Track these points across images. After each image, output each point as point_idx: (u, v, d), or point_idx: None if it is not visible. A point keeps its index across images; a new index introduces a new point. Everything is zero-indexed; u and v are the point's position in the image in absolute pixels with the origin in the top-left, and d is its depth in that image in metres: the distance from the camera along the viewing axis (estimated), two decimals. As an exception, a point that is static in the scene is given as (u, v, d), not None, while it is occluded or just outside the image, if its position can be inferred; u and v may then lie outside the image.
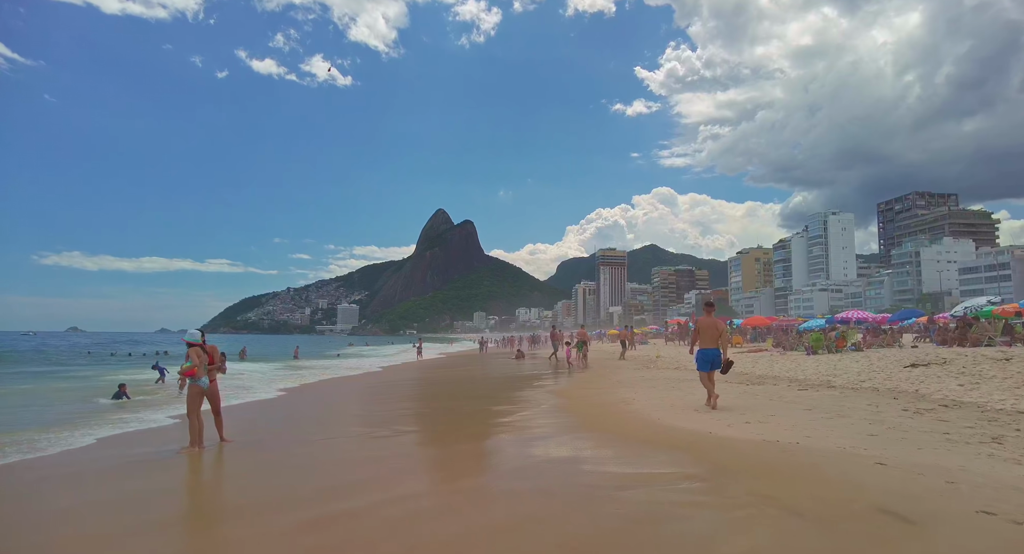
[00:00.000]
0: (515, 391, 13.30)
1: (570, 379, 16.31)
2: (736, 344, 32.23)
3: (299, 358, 38.31)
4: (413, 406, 11.49)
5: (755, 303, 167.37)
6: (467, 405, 10.92)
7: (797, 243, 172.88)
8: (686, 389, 11.18)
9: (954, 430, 5.84)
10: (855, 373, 12.64)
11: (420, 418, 9.89)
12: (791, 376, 13.27)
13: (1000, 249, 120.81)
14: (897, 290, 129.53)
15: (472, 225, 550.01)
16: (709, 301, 9.43)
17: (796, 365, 16.12)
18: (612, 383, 13.95)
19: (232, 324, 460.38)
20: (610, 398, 10.62)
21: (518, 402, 10.83)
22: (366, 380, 18.48)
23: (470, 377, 18.72)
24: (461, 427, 8.44)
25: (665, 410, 8.63)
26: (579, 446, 6.16)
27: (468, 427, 8.36)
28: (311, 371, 23.19)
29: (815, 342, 20.18)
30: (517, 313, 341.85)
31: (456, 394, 13.41)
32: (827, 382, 11.42)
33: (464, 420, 9.13)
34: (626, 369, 19.05)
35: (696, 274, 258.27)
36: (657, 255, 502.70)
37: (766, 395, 9.77)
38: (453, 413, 10.11)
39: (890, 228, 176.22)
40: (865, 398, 8.75)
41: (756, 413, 7.78)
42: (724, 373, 8.76)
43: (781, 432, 6.26)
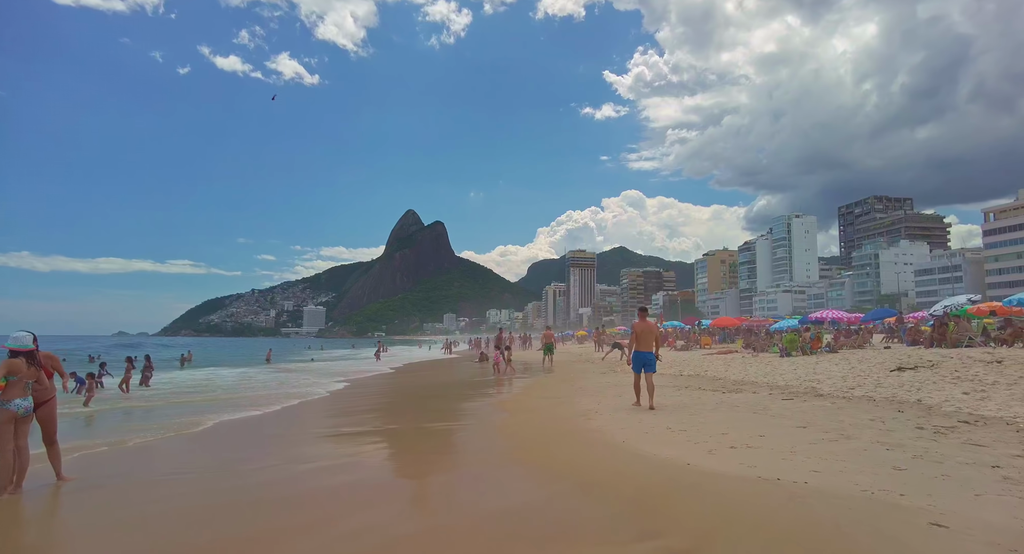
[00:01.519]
0: (461, 402, 11.68)
1: (528, 387, 14.78)
2: (705, 346, 31.32)
3: (271, 362, 36.13)
4: (333, 423, 9.77)
5: (721, 304, 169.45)
6: (395, 423, 9.24)
7: (761, 245, 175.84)
8: (659, 399, 9.75)
9: (1003, 461, 4.50)
10: (839, 378, 11.45)
11: (319, 442, 8.20)
12: (770, 382, 12.01)
13: (952, 251, 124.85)
14: (857, 291, 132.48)
15: (442, 226, 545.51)
16: (643, 307, 9.85)
17: (772, 368, 14.94)
18: (574, 390, 12.47)
19: (194, 327, 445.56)
20: (568, 410, 9.11)
21: (457, 418, 9.22)
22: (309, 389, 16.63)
23: (416, 386, 17.00)
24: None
25: (633, 427, 7.17)
26: (487, 495, 4.54)
27: (368, 458, 6.64)
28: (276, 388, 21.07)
29: (789, 343, 19.16)
30: (488, 315, 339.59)
31: (391, 409, 11.70)
32: (813, 389, 10.15)
33: (375, 448, 7.48)
34: (592, 373, 17.65)
35: (663, 276, 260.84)
36: (626, 257, 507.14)
37: (748, 406, 8.40)
38: (371, 437, 8.45)
39: (850, 231, 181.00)
40: (864, 411, 7.44)
41: (741, 431, 6.37)
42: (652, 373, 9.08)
43: (778, 462, 4.83)
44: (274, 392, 14.97)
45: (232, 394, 14.67)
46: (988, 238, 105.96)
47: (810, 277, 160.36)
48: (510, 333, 26.50)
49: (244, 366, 31.25)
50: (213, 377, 21.89)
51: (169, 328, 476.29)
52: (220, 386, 17.62)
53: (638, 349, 9.04)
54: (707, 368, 16.80)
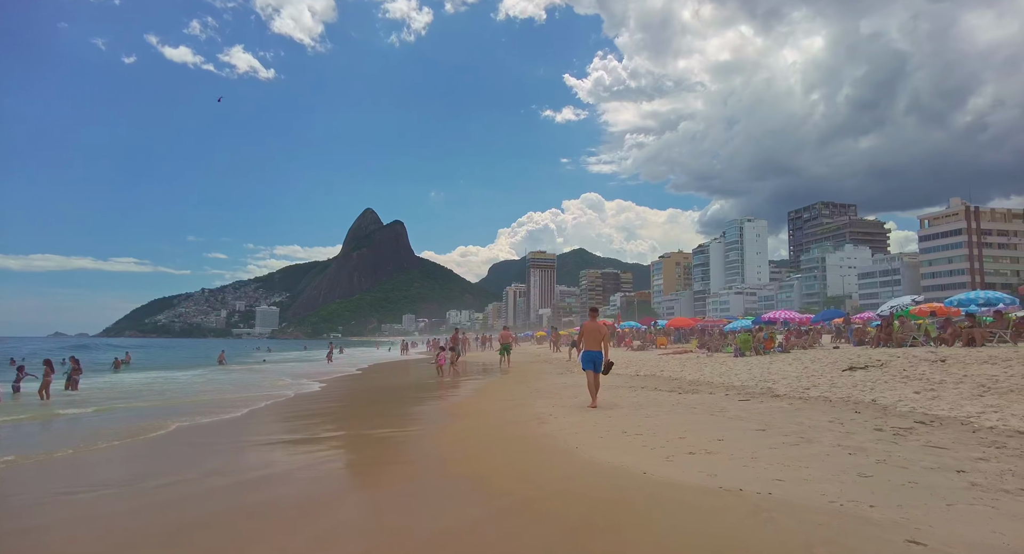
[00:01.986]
0: (410, 406, 11.11)
1: (482, 389, 14.30)
2: (661, 346, 31.56)
3: (224, 363, 34.48)
4: (271, 431, 9.04)
5: (675, 305, 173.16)
6: (335, 430, 8.61)
7: (715, 248, 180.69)
8: (615, 401, 9.44)
9: (967, 465, 4.29)
10: (794, 378, 11.43)
11: (248, 452, 7.51)
12: (726, 382, 11.91)
13: (892, 256, 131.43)
14: (805, 293, 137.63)
15: (402, 226, 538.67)
16: (594, 308, 9.99)
17: (727, 368, 14.94)
18: (530, 392, 12.07)
19: (140, 327, 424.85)
20: (521, 414, 8.67)
21: (402, 424, 8.65)
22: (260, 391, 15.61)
23: (366, 389, 16.27)
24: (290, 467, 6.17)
25: (588, 431, 6.78)
26: (419, 516, 4.04)
27: (294, 472, 6.03)
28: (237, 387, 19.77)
29: (743, 343, 19.33)
30: (448, 315, 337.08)
31: (333, 414, 11.01)
32: (769, 390, 10.05)
33: (305, 459, 6.86)
34: (548, 374, 17.32)
35: (621, 277, 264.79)
36: (585, 258, 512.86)
37: (705, 408, 8.16)
38: (306, 446, 7.80)
39: (799, 235, 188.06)
40: (822, 412, 7.29)
41: (699, 435, 6.07)
42: (605, 374, 9.20)
43: (739, 470, 4.51)
44: (218, 397, 13.97)
45: (171, 399, 13.59)
46: (923, 243, 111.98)
47: (761, 279, 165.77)
48: (463, 334, 25.95)
49: (193, 368, 29.59)
50: (154, 381, 20.45)
51: (112, 329, 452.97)
52: (161, 390, 16.34)
53: (587, 348, 9.15)
54: (663, 368, 16.71)
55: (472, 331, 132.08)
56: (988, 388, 8.12)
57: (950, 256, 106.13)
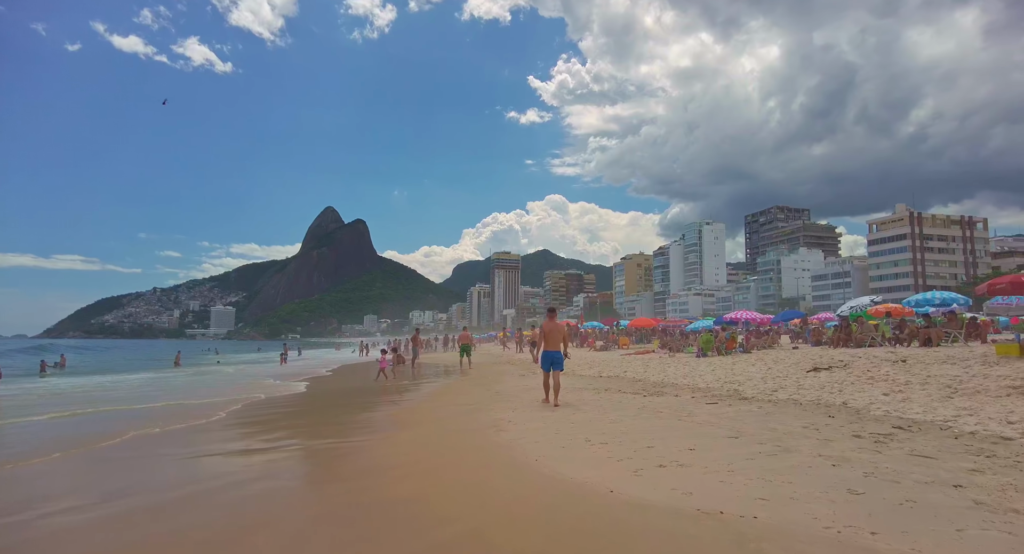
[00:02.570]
0: (360, 412, 10.31)
1: (439, 392, 13.61)
2: (623, 346, 31.44)
3: (181, 365, 32.79)
4: (200, 441, 8.14)
5: (637, 306, 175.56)
6: (271, 441, 7.81)
7: (675, 251, 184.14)
8: (579, 404, 8.93)
9: (963, 479, 3.90)
10: (759, 380, 11.17)
11: (163, 468, 6.66)
12: (691, 383, 11.56)
13: (843, 259, 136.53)
14: (761, 295, 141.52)
15: (364, 225, 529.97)
16: (552, 308, 10.06)
17: (691, 369, 14.67)
18: (490, 395, 11.45)
19: (85, 328, 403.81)
20: (478, 420, 8.05)
21: (348, 433, 7.88)
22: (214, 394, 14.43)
23: (316, 394, 15.32)
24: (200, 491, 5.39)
25: (549, 439, 6.22)
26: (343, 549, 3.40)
27: (211, 495, 5.26)
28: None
29: (705, 344, 19.21)
30: (411, 316, 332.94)
31: (274, 422, 10.14)
32: (736, 392, 9.71)
33: (222, 483, 6.08)
34: (510, 376, 16.74)
35: (584, 278, 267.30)
36: (548, 259, 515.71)
37: (672, 412, 7.72)
38: (235, 459, 6.99)
39: (755, 238, 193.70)
40: (794, 416, 6.92)
41: (668, 443, 5.58)
42: (560, 370, 9.31)
43: (717, 486, 4.01)
44: (154, 404, 12.82)
45: (107, 406, 12.36)
46: (872, 247, 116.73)
47: (719, 281, 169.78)
48: (415, 335, 25.16)
49: (138, 371, 27.77)
50: (90, 385, 18.86)
51: (54, 330, 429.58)
52: (90, 398, 14.97)
53: (546, 348, 9.27)
54: (626, 369, 16.36)
55: (437, 332, 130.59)
56: (955, 389, 7.95)
57: (896, 259, 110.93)
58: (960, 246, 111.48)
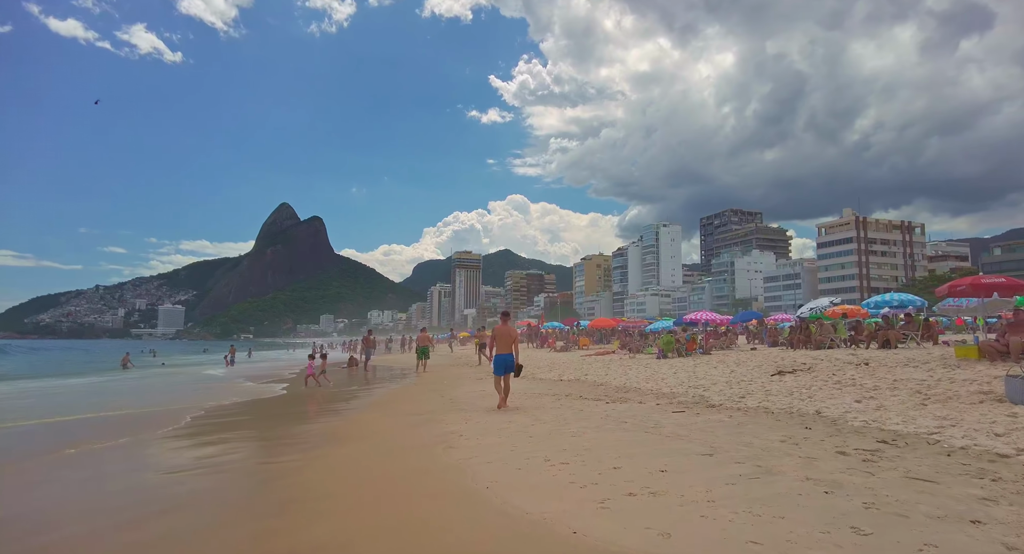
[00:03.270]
0: (296, 424, 9.36)
1: (389, 400, 12.73)
2: (583, 346, 31.11)
3: (129, 367, 30.44)
4: (136, 456, 7.08)
5: (596, 306, 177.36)
6: (184, 466, 6.87)
7: (633, 252, 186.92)
8: (538, 413, 8.26)
9: (976, 510, 3.38)
10: (724, 384, 10.77)
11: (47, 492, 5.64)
12: (654, 388, 11.07)
13: (793, 261, 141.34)
14: (716, 295, 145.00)
15: (321, 222, 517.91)
16: (505, 311, 10.13)
17: (652, 372, 14.25)
18: (443, 403, 10.66)
19: (18, 328, 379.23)
20: (427, 434, 7.26)
21: (275, 452, 6.97)
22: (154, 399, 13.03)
23: (255, 402, 14.20)
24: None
25: (504, 458, 5.51)
26: None
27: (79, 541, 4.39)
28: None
29: (666, 345, 18.93)
30: (369, 316, 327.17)
31: (193, 437, 9.12)
32: (702, 398, 9.22)
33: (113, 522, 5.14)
34: (467, 380, 15.94)
35: (545, 278, 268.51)
36: (510, 259, 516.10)
37: (638, 422, 7.12)
38: (132, 486, 6.02)
39: (710, 240, 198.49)
40: (768, 427, 6.42)
41: (636, 463, 4.95)
42: (516, 376, 9.49)
43: (697, 522, 3.38)
44: (68, 417, 11.45)
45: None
46: (821, 250, 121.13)
47: (675, 281, 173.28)
48: (368, 335, 24.15)
49: (75, 375, 25.58)
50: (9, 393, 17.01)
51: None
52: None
53: (498, 352, 9.26)
54: (587, 371, 15.83)
55: (396, 332, 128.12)
56: (926, 395, 7.66)
57: (843, 262, 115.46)
58: (900, 250, 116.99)
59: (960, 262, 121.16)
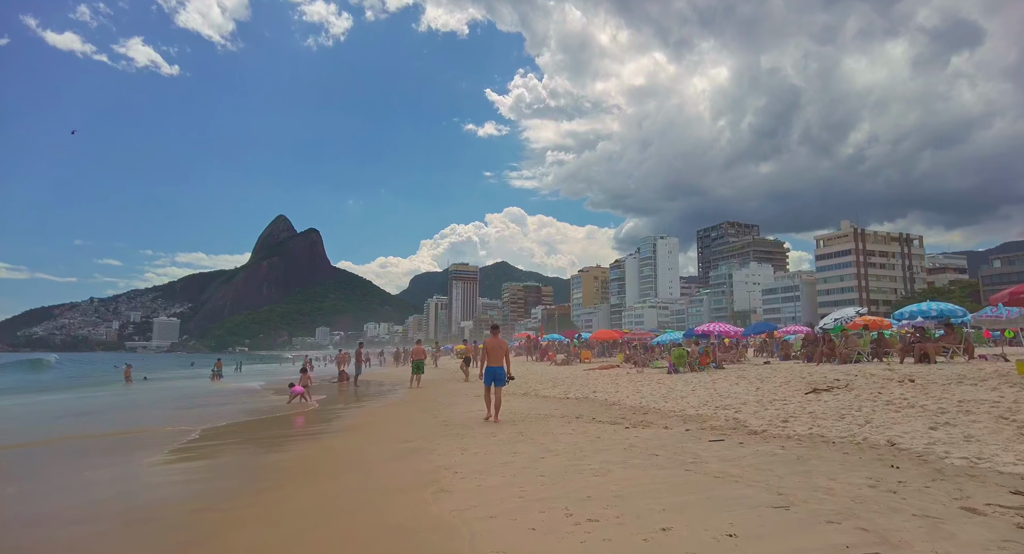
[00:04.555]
0: (266, 452, 8.03)
1: (375, 421, 11.40)
2: (585, 359, 29.79)
3: (132, 381, 29.38)
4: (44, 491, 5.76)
5: (594, 318, 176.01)
6: (115, 515, 5.55)
7: (630, 264, 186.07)
8: (546, 441, 6.96)
9: None
10: (755, 403, 9.50)
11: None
12: (677, 409, 9.78)
13: (791, 274, 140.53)
14: (714, 307, 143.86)
15: (317, 234, 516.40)
16: (495, 325, 10.39)
17: (668, 389, 12.96)
18: (435, 426, 9.35)
19: (10, 341, 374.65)
20: (413, 469, 5.95)
21: (232, 489, 5.68)
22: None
23: (222, 428, 12.85)
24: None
25: (512, 511, 4.22)
26: None
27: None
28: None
29: (678, 358, 17.64)
30: (365, 328, 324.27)
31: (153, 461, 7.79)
32: (738, 422, 7.94)
33: None
34: (464, 396, 14.60)
35: (542, 291, 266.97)
36: (507, 272, 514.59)
37: (671, 454, 5.84)
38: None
39: (707, 253, 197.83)
40: (840, 464, 5.15)
41: (691, 522, 3.67)
42: (503, 384, 9.44)
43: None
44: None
45: None
46: (819, 262, 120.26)
47: (673, 294, 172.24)
48: (359, 349, 22.81)
49: (62, 391, 24.07)
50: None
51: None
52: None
53: (489, 364, 9.35)
54: (595, 388, 14.53)
55: (392, 344, 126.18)
56: (1011, 420, 6.42)
57: (841, 274, 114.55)
58: (899, 262, 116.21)
59: (959, 275, 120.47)
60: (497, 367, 9.27)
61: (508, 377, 9.35)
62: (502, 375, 9.24)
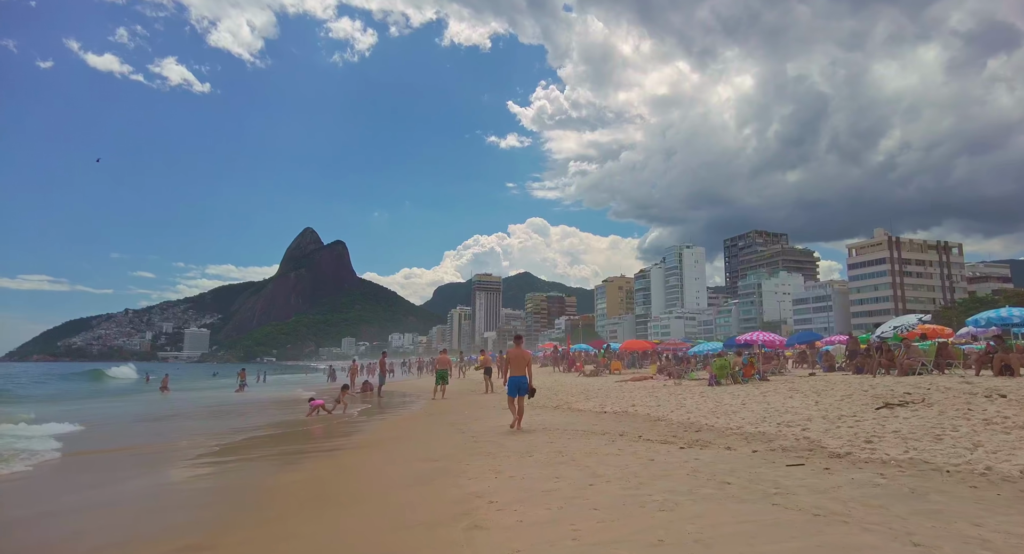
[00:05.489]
0: (276, 471, 7.26)
1: (397, 436, 10.58)
2: (616, 370, 28.64)
3: (168, 391, 29.45)
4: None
5: (619, 328, 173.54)
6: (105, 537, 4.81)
7: (656, 274, 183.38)
8: (591, 462, 6.04)
9: None
10: (820, 420, 8.40)
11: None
12: (733, 426, 8.72)
13: (823, 283, 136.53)
14: (743, 318, 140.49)
15: (343, 246, 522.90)
16: (518, 335, 10.45)
17: (716, 403, 11.87)
18: (463, 442, 8.47)
19: (51, 350, 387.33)
20: (441, 498, 5.09)
21: (229, 522, 4.88)
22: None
23: (236, 444, 12.18)
24: None
25: (559, 543, 3.35)
26: None
27: None
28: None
29: (720, 370, 16.45)
30: (390, 338, 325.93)
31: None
32: (812, 442, 6.87)
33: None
34: (493, 409, 13.67)
35: (566, 301, 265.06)
36: (530, 282, 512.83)
37: (748, 484, 4.86)
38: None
39: (734, 262, 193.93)
40: (978, 503, 4.12)
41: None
42: (530, 398, 9.77)
43: None
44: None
45: None
46: (852, 271, 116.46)
47: (699, 304, 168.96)
48: (382, 358, 22.17)
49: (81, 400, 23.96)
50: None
51: (16, 352, 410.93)
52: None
53: (512, 374, 9.53)
54: (632, 401, 13.50)
55: (416, 354, 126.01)
56: None
57: (876, 284, 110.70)
58: (936, 271, 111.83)
59: (1003, 284, 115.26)
60: (520, 377, 9.41)
61: (530, 388, 9.40)
62: (525, 384, 9.37)
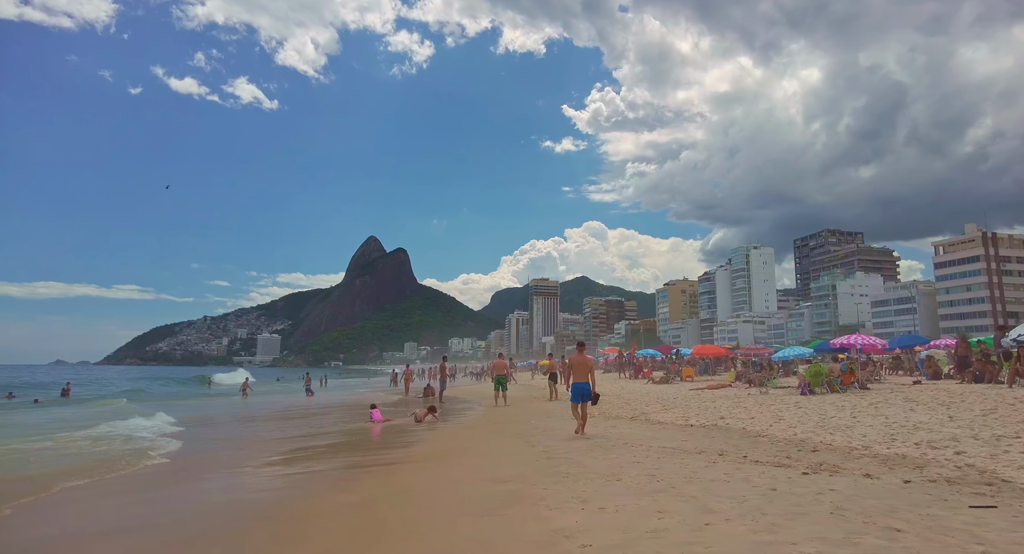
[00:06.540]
0: (330, 488, 6.51)
1: (458, 449, 9.72)
2: (688, 377, 26.92)
3: (248, 395, 30.30)
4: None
5: (682, 333, 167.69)
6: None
7: (721, 276, 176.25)
8: (698, 491, 4.91)
9: None
10: (971, 439, 6.87)
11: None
12: (857, 446, 7.27)
13: (906, 283, 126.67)
14: (816, 322, 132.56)
15: (405, 253, 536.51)
16: (580, 342, 10.92)
17: (819, 415, 10.33)
18: (533, 458, 7.48)
19: (140, 355, 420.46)
20: (519, 535, 4.12)
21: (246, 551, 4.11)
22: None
23: (290, 451, 11.68)
24: None
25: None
26: None
27: None
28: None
29: (814, 377, 14.72)
30: (450, 343, 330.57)
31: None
32: (983, 472, 5.44)
33: None
34: (561, 419, 12.56)
35: (625, 305, 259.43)
36: (588, 286, 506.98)
37: (930, 539, 3.62)
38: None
39: (805, 263, 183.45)
40: None
41: None
42: (594, 404, 9.83)
43: None
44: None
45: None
46: (939, 271, 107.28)
47: (769, 307, 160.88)
48: (443, 363, 21.54)
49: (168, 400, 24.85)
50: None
51: (113, 356, 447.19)
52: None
53: (575, 380, 9.67)
54: (720, 412, 12.09)
55: (475, 360, 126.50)
56: None
57: (968, 284, 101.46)
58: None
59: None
60: (583, 383, 9.46)
61: (593, 393, 9.42)
62: (588, 391, 9.41)
